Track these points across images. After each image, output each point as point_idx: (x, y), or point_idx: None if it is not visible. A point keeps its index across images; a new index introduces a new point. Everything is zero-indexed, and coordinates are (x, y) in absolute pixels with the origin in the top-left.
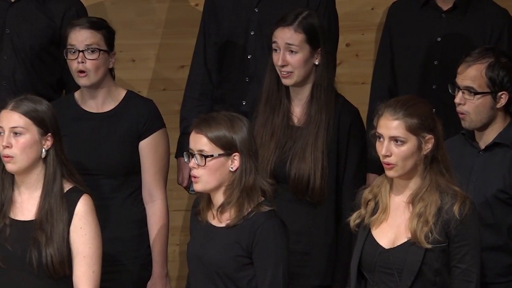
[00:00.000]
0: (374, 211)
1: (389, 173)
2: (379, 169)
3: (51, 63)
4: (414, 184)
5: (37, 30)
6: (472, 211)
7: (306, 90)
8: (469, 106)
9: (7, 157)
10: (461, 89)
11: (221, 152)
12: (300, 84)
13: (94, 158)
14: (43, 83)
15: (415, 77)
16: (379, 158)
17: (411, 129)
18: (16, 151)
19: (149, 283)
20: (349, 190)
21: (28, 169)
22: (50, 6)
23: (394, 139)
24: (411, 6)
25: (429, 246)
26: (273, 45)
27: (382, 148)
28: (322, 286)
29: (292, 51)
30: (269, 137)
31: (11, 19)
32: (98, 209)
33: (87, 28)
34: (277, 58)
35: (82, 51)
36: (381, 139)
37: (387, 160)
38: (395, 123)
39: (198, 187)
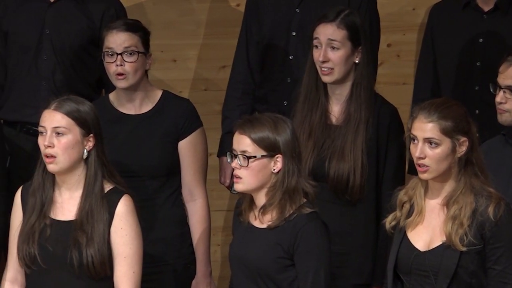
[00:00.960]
0: (410, 213)
1: (423, 175)
2: None
3: (91, 63)
4: (448, 186)
5: (76, 30)
6: (507, 212)
7: (345, 89)
8: (510, 105)
9: (49, 157)
10: (502, 88)
11: (264, 153)
12: (339, 82)
13: (134, 160)
14: (83, 83)
15: (458, 79)
16: (413, 160)
17: (446, 132)
18: (58, 151)
19: (193, 282)
20: (388, 189)
21: (69, 170)
22: (89, 6)
23: (428, 141)
24: (452, 7)
25: (464, 248)
26: (314, 42)
27: (416, 150)
28: (361, 285)
29: (333, 47)
30: (306, 136)
31: (50, 20)
32: (140, 210)
33: (124, 30)
34: (318, 54)
35: (121, 53)
36: (415, 141)
37: (421, 162)
38: (430, 125)
39: (239, 187)
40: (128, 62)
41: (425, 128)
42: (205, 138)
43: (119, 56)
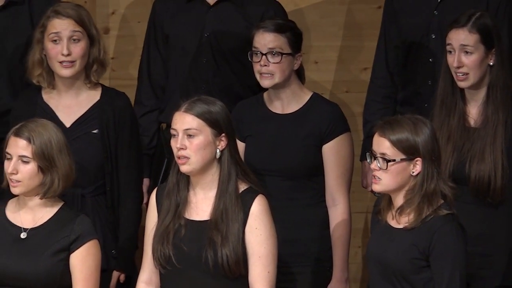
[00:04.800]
0: None
1: None
2: None
3: (251, 66)
4: None
5: (235, 33)
6: None
7: (481, 92)
8: None
9: (181, 158)
10: None
11: (403, 156)
12: (475, 86)
13: (276, 159)
14: (242, 85)
15: None
16: None
17: None
18: (190, 152)
19: (328, 286)
20: None
21: (202, 170)
22: (248, 9)
23: None
24: None
25: None
26: (447, 47)
27: None
28: (503, 287)
29: (467, 52)
30: (445, 140)
31: (210, 23)
32: (279, 210)
33: (271, 31)
34: (452, 60)
35: (265, 54)
36: None
37: None
38: None
39: (377, 188)
40: (272, 62)
41: None
42: (351, 143)
43: (264, 56)
